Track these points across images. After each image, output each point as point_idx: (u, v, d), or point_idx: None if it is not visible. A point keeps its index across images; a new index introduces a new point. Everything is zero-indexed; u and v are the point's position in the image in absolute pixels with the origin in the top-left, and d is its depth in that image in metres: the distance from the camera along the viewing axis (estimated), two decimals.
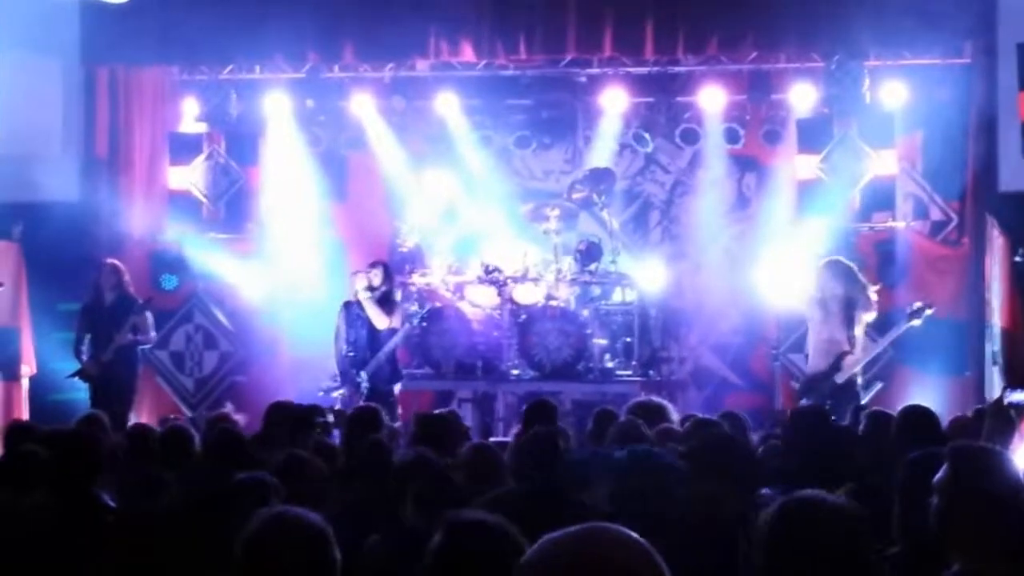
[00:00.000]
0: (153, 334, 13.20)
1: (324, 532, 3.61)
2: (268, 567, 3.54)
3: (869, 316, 11.67)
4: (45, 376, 14.00)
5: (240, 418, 10.48)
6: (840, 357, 11.42)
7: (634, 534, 2.56)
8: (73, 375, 12.80)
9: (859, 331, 11.56)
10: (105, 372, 12.63)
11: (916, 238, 14.54)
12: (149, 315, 12.95)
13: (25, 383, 14.07)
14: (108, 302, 12.85)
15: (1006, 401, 6.87)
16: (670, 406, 8.39)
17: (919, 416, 7.16)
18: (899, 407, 7.80)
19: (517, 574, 2.51)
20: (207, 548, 4.57)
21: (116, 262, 13.17)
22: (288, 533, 3.57)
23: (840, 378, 11.38)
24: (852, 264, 11.95)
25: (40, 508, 5.58)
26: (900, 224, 14.63)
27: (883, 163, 14.66)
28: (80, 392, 13.12)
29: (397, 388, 12.89)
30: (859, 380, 11.74)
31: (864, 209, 14.76)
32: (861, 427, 7.89)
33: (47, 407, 13.56)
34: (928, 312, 11.63)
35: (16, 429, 7.67)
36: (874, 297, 11.69)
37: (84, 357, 12.76)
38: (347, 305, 12.89)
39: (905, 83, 14.37)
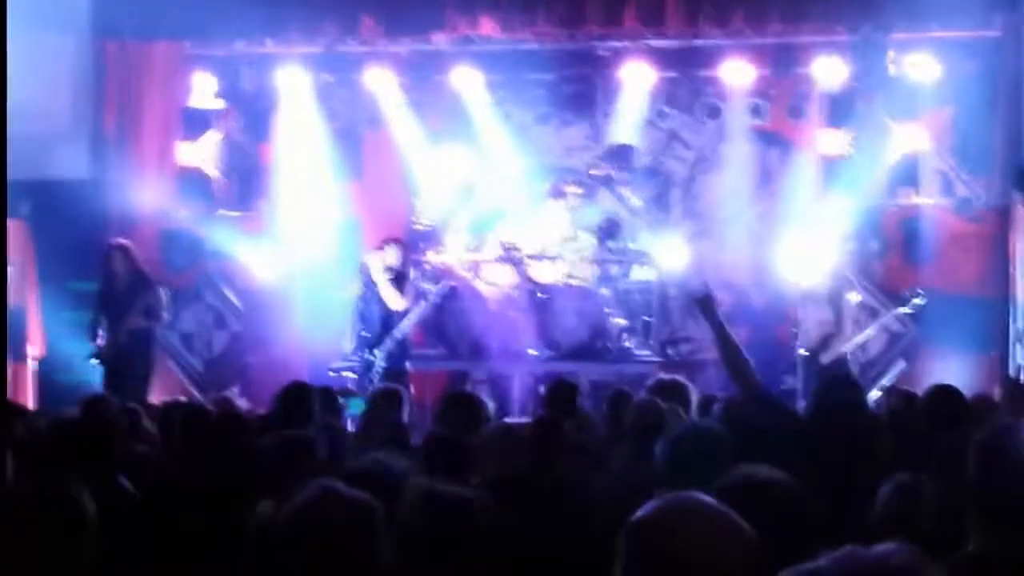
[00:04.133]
0: (166, 315, 12.95)
1: (372, 506, 3.51)
2: (312, 542, 3.44)
3: (855, 297, 12.42)
4: (54, 357, 13.82)
5: (243, 403, 10.26)
6: (827, 339, 11.94)
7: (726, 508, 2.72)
8: (90, 358, 12.57)
9: (846, 315, 12.13)
10: (121, 355, 12.38)
11: (942, 215, 14.33)
12: (163, 295, 12.69)
13: (31, 364, 13.87)
14: (122, 284, 12.59)
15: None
16: (690, 385, 8.16)
17: (946, 396, 6.98)
18: (923, 386, 7.66)
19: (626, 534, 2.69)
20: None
21: (125, 243, 12.91)
22: (334, 507, 3.48)
23: (826, 358, 11.89)
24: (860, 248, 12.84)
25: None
26: (926, 200, 14.40)
27: (910, 138, 14.44)
28: (90, 374, 12.94)
29: (408, 366, 12.68)
30: (849, 359, 12.29)
31: (890, 185, 14.53)
32: (883, 407, 7.72)
33: (56, 388, 13.36)
34: (918, 301, 12.36)
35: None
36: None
37: (100, 341, 12.50)
38: (362, 283, 12.68)
39: (932, 56, 14.09)
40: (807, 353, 12.07)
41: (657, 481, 4.28)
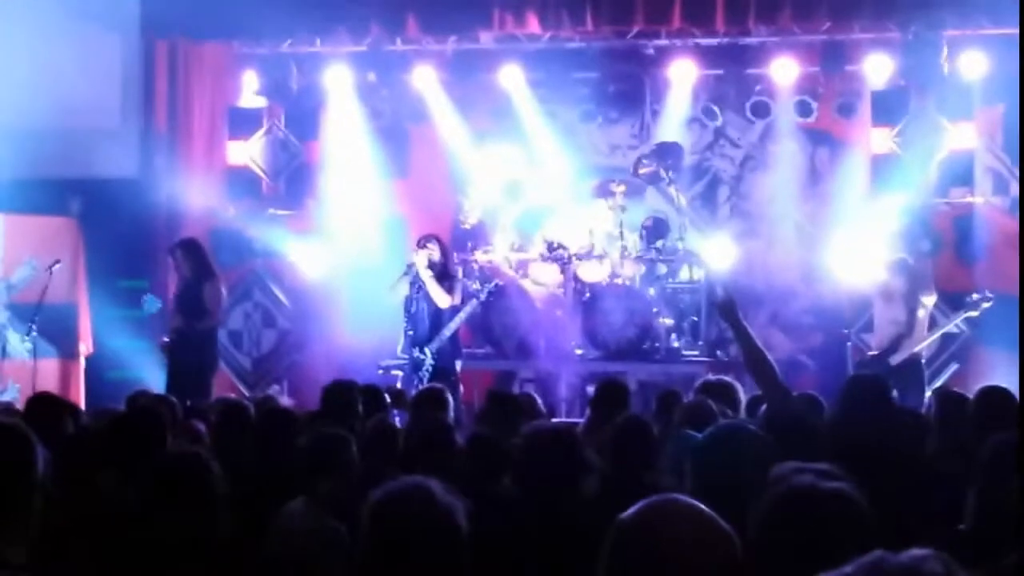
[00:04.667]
0: (214, 313, 12.31)
1: (452, 505, 3.43)
2: (394, 536, 3.37)
3: (930, 299, 12.11)
4: (103, 354, 13.87)
5: (287, 401, 10.24)
6: (898, 339, 11.73)
7: (702, 506, 2.78)
8: (160, 346, 12.48)
9: (921, 314, 11.88)
10: (173, 354, 12.10)
11: (995, 214, 14.18)
12: (211, 292, 12.19)
13: (82, 361, 13.94)
14: (183, 284, 12.40)
15: None
16: (739, 386, 8.12)
17: (997, 398, 6.90)
18: (976, 388, 7.55)
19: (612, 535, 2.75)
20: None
21: (184, 240, 12.68)
22: (418, 503, 3.40)
23: (895, 359, 11.66)
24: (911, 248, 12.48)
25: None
26: (979, 200, 14.27)
27: (962, 137, 14.29)
28: (139, 370, 12.96)
29: (459, 366, 12.61)
30: (922, 362, 12.03)
31: (941, 184, 14.37)
32: (932, 409, 7.63)
33: (105, 385, 13.41)
34: (986, 305, 11.98)
35: (45, 402, 7.39)
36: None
37: (166, 339, 12.33)
38: (409, 282, 12.61)
39: (985, 53, 13.92)
40: (875, 353, 11.91)
41: (693, 481, 4.24)
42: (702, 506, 2.82)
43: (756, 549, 3.20)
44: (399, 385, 11.81)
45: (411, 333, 12.43)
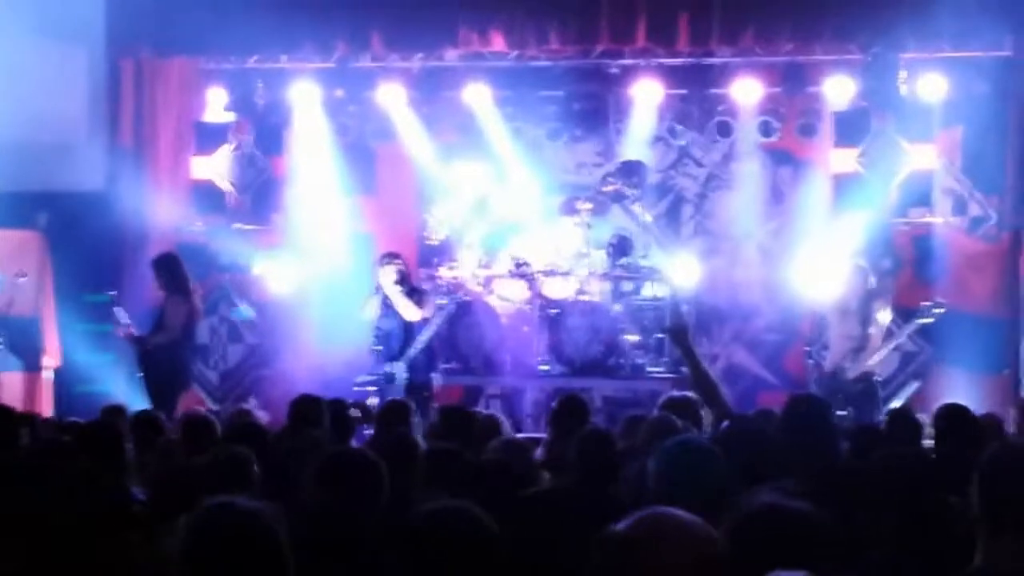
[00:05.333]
0: (172, 328, 12.22)
1: (269, 522, 3.40)
2: (208, 558, 3.33)
3: (886, 316, 12.17)
4: (71, 367, 13.87)
5: (263, 415, 10.30)
6: (852, 354, 11.89)
7: (698, 519, 2.83)
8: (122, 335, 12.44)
9: (873, 330, 11.98)
10: (145, 368, 12.18)
11: (954, 234, 14.37)
12: (171, 306, 12.24)
13: (48, 375, 13.92)
14: (161, 298, 12.49)
15: None
16: (701, 402, 8.20)
17: (955, 415, 7.05)
18: (936, 406, 7.69)
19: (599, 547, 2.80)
20: None
21: (157, 257, 12.75)
22: (228, 524, 3.36)
23: (851, 374, 11.85)
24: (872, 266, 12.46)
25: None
26: (938, 220, 14.45)
27: (921, 158, 14.49)
28: (107, 384, 12.97)
29: (436, 380, 12.72)
30: (877, 379, 12.20)
31: (901, 204, 14.57)
32: (884, 426, 7.78)
33: (73, 399, 13.42)
34: (938, 311, 12.17)
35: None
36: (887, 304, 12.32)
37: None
38: (379, 301, 12.71)
39: (944, 76, 14.10)
40: (831, 369, 12.03)
41: (654, 495, 4.32)
42: (694, 517, 2.85)
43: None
44: (372, 400, 11.87)
45: (381, 349, 12.53)
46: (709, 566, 2.76)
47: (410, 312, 12.45)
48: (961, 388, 12.64)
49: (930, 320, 12.19)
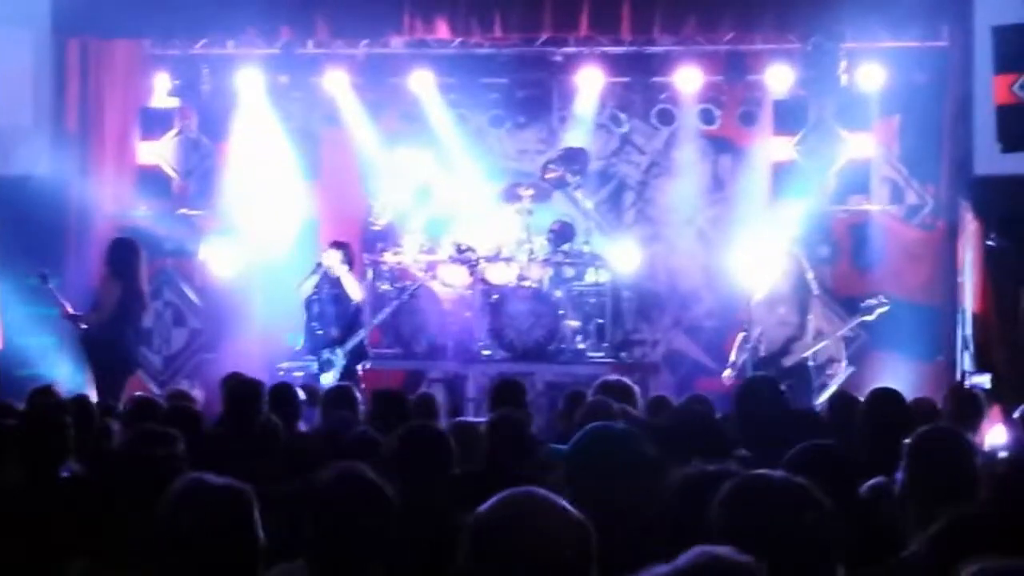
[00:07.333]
0: (103, 311, 12.13)
1: (243, 497, 3.57)
2: (184, 532, 3.49)
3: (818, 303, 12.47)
4: (13, 351, 13.83)
5: (198, 394, 10.36)
6: (789, 342, 11.82)
7: (560, 500, 2.83)
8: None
9: (811, 318, 12.00)
10: (86, 350, 12.30)
11: (891, 222, 14.57)
12: (102, 288, 12.28)
13: None
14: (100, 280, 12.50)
15: (967, 384, 6.90)
16: (636, 388, 8.37)
17: (886, 399, 7.17)
18: (868, 389, 7.81)
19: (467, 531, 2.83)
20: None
21: (118, 239, 12.79)
22: (205, 499, 3.53)
23: (787, 362, 11.75)
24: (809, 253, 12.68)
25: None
26: (875, 207, 14.63)
27: (859, 146, 14.67)
28: (50, 368, 12.96)
29: (361, 367, 12.84)
30: (810, 364, 12.15)
31: (839, 192, 14.75)
32: (825, 410, 7.92)
33: (15, 383, 13.36)
34: (882, 310, 12.10)
35: None
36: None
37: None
38: (316, 282, 12.84)
39: (882, 66, 14.29)
40: (765, 355, 12.00)
41: (568, 480, 4.36)
42: (557, 498, 2.87)
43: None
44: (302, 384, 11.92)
45: (320, 334, 12.63)
46: (568, 549, 2.77)
47: (355, 291, 12.66)
48: (896, 374, 12.80)
49: (871, 318, 12.22)
